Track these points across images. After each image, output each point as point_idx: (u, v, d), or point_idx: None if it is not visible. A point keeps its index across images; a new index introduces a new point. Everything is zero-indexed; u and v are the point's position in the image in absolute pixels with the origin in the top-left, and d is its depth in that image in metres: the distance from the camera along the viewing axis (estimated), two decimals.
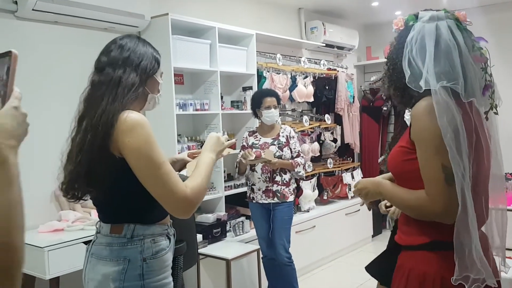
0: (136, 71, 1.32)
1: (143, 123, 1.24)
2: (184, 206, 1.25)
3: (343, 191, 4.54)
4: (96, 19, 2.73)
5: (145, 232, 1.32)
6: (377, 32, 5.41)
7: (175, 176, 1.25)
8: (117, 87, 1.29)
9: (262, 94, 3.11)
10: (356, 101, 4.98)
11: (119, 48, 1.34)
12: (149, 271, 1.30)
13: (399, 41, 1.28)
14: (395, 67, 1.28)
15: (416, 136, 1.17)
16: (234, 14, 3.82)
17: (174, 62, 2.96)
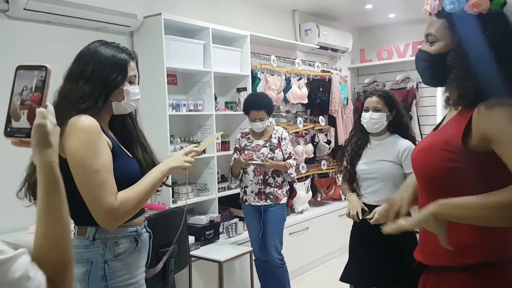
0: (88, 82, 1.31)
1: (88, 128, 1.24)
2: (108, 219, 1.26)
3: (336, 193, 4.54)
4: (88, 19, 2.71)
5: (107, 235, 1.33)
6: (370, 35, 5.43)
7: (106, 187, 1.24)
8: (65, 100, 1.30)
9: (250, 105, 3.00)
10: (350, 103, 4.99)
11: (78, 60, 1.36)
12: (112, 272, 1.32)
13: (491, 31, 1.04)
14: (483, 59, 1.04)
15: (499, 132, 0.99)
16: (228, 15, 3.81)
17: (167, 62, 2.94)
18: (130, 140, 1.48)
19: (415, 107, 5.00)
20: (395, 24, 5.14)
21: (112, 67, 1.34)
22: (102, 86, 1.32)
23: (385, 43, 5.23)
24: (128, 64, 1.38)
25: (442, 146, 1.08)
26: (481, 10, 1.04)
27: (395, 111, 2.30)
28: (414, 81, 5.00)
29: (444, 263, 1.10)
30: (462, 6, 1.05)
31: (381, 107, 2.27)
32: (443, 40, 1.11)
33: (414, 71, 4.93)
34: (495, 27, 1.04)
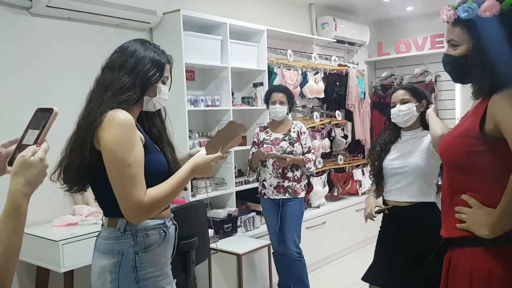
0: (130, 74, 1.35)
1: (123, 122, 1.27)
2: (135, 213, 1.28)
3: (353, 188, 4.53)
4: (109, 15, 2.75)
5: (137, 226, 1.36)
6: (388, 28, 5.36)
7: (137, 182, 1.26)
8: (106, 90, 1.34)
9: (272, 89, 3.14)
10: (367, 97, 4.95)
11: (120, 51, 1.40)
12: (142, 264, 1.35)
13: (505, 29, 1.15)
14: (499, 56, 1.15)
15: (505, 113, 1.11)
16: (244, 10, 3.82)
17: (186, 58, 2.97)
18: (160, 139, 1.51)
19: (434, 100, 4.92)
20: (413, 17, 5.07)
21: (152, 64, 1.38)
22: (141, 79, 1.36)
23: (403, 36, 5.16)
24: (165, 65, 1.43)
25: (462, 133, 1.23)
26: (493, 12, 1.15)
27: (425, 102, 2.19)
28: (432, 74, 4.93)
29: (458, 234, 1.22)
30: (475, 13, 1.18)
31: (408, 98, 2.18)
32: (464, 43, 1.24)
33: (432, 64, 4.95)
34: (508, 24, 1.14)
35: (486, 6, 1.15)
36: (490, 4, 1.15)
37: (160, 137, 1.51)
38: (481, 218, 1.17)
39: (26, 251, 2.36)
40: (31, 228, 2.42)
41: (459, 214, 1.23)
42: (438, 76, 4.94)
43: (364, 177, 4.67)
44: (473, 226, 1.18)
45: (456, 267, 1.22)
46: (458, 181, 1.25)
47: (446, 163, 1.30)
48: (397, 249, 2.19)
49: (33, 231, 2.36)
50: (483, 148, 1.18)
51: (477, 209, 1.19)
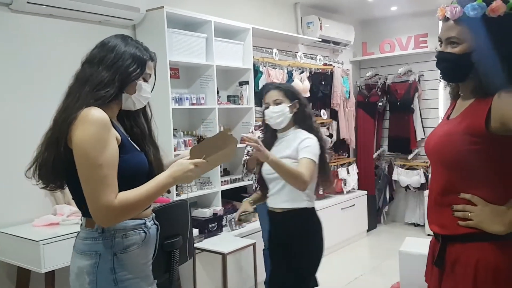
0: (109, 70, 1.32)
1: (97, 120, 1.24)
2: (103, 216, 1.24)
3: (338, 186, 4.56)
4: (91, 12, 2.71)
5: (116, 226, 1.32)
6: (372, 28, 5.41)
7: (107, 183, 1.22)
8: (85, 85, 1.31)
9: (263, 90, 3.03)
10: (352, 96, 4.99)
11: (100, 46, 1.37)
12: (121, 265, 1.32)
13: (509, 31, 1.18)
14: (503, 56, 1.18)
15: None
16: (230, 8, 3.81)
17: (170, 56, 2.94)
18: (142, 139, 1.47)
19: (417, 100, 4.99)
20: (397, 17, 5.13)
21: (133, 60, 1.35)
22: (120, 75, 1.33)
23: (387, 36, 5.22)
24: (147, 62, 1.40)
25: (465, 131, 1.21)
26: (500, 13, 1.18)
27: (297, 102, 2.13)
28: (416, 74, 4.99)
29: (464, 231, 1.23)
30: (483, 11, 1.19)
31: (281, 99, 2.11)
32: (466, 42, 1.23)
33: (416, 64, 5.02)
34: (510, 27, 1.18)
35: (494, 6, 1.17)
36: (498, 5, 1.17)
37: (143, 137, 1.47)
38: (490, 215, 1.19)
39: (6, 251, 2.32)
40: (12, 228, 2.37)
41: (462, 213, 1.23)
42: (421, 75, 5.01)
43: (349, 176, 4.71)
44: (483, 224, 1.19)
45: (457, 262, 1.24)
46: (455, 180, 1.26)
47: (441, 162, 1.29)
48: (275, 255, 2.21)
49: (14, 231, 2.32)
50: (486, 146, 1.19)
51: (483, 206, 1.20)
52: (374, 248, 4.60)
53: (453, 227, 1.25)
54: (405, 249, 2.79)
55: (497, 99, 1.17)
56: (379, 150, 5.31)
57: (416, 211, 5.12)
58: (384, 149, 5.32)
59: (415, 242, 2.91)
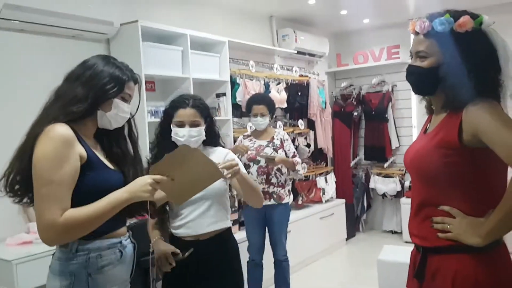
0: (84, 86, 1.33)
1: (58, 137, 1.24)
2: (46, 234, 1.22)
3: (317, 195, 4.60)
4: (64, 27, 2.68)
5: (90, 246, 1.31)
6: (346, 40, 5.54)
7: (54, 200, 1.21)
8: (58, 100, 1.32)
9: (252, 101, 3.15)
10: (328, 106, 5.08)
11: (81, 64, 1.39)
12: (96, 286, 1.30)
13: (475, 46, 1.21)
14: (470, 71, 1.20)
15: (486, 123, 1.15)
16: (206, 21, 3.83)
17: (145, 69, 2.94)
18: (123, 160, 1.45)
19: (391, 109, 5.12)
20: (369, 29, 5.27)
21: (111, 79, 1.35)
22: (95, 93, 1.33)
23: (360, 47, 5.35)
24: (127, 82, 1.40)
25: (439, 145, 1.24)
26: (467, 28, 1.21)
27: (209, 120, 1.84)
28: (389, 84, 5.12)
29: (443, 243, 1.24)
30: (451, 26, 1.22)
31: (198, 121, 1.78)
32: (434, 56, 1.25)
33: (389, 74, 5.15)
34: (478, 42, 1.21)
35: (461, 21, 1.20)
36: (465, 20, 1.20)
37: (124, 158, 1.45)
38: (468, 227, 1.20)
39: None
40: None
41: (441, 225, 1.24)
42: (394, 85, 5.14)
43: (327, 185, 4.76)
44: (462, 236, 1.20)
45: (437, 273, 1.24)
46: (433, 193, 1.27)
47: (419, 175, 1.30)
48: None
49: None
50: (461, 159, 1.20)
51: (461, 218, 1.21)
52: (353, 256, 4.64)
53: (433, 239, 1.26)
54: (383, 257, 2.83)
55: (467, 112, 1.19)
56: (356, 159, 5.40)
57: (393, 218, 5.20)
58: (361, 157, 5.41)
59: (393, 250, 2.96)
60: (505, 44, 1.24)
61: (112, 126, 1.41)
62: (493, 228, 1.16)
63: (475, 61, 1.19)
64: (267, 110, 3.09)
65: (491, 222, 1.16)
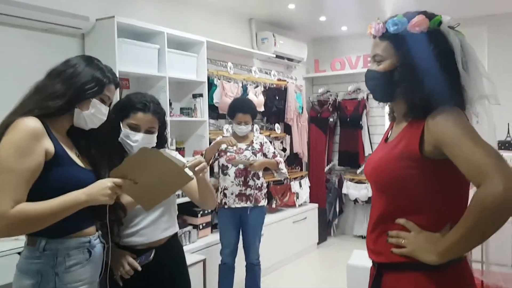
0: (64, 83, 1.34)
1: (25, 129, 1.24)
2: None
3: (291, 199, 4.62)
4: (37, 20, 2.59)
5: (58, 245, 1.30)
6: (324, 46, 5.61)
7: (8, 190, 1.19)
8: (36, 94, 1.34)
9: (237, 108, 3.11)
10: (305, 111, 5.11)
11: (64, 62, 1.40)
12: (63, 285, 1.29)
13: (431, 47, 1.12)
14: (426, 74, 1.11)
15: (448, 135, 1.06)
16: (185, 19, 3.79)
17: (120, 66, 2.87)
18: (99, 161, 1.45)
19: (366, 117, 5.21)
20: (347, 36, 5.35)
21: (91, 79, 1.37)
22: (74, 90, 1.34)
23: (338, 54, 5.42)
24: (107, 85, 1.41)
25: (399, 156, 1.15)
26: (422, 29, 1.13)
27: (162, 126, 1.78)
28: (364, 92, 5.21)
29: (399, 259, 1.15)
30: (404, 27, 1.15)
31: (155, 128, 1.71)
32: (389, 58, 1.18)
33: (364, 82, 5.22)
34: (435, 43, 1.12)
35: (415, 21, 1.13)
36: (419, 20, 1.13)
37: (100, 159, 1.45)
38: (424, 243, 1.10)
39: None
40: None
41: (396, 239, 1.15)
42: (369, 94, 5.22)
43: (301, 189, 4.79)
44: (417, 252, 1.11)
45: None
46: (392, 205, 1.18)
47: (378, 186, 1.22)
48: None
49: None
50: (421, 171, 1.12)
51: (417, 233, 1.12)
52: (324, 260, 4.68)
53: (388, 255, 1.17)
54: (353, 262, 2.87)
55: (429, 121, 1.11)
56: (330, 164, 5.46)
57: (364, 224, 5.28)
58: (335, 163, 5.48)
59: (362, 255, 2.98)
60: (466, 46, 1.14)
61: (87, 126, 1.41)
62: (451, 246, 1.05)
63: (430, 64, 1.10)
64: (251, 118, 3.13)
65: (450, 239, 1.06)
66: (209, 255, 3.25)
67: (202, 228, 3.50)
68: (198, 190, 1.69)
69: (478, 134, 1.06)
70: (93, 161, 1.44)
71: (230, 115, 3.19)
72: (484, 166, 0.99)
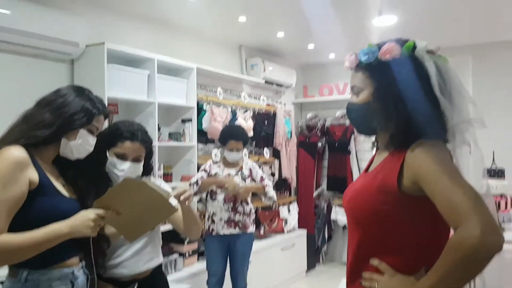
0: (52, 113, 1.34)
1: (9, 158, 1.24)
2: None
3: (279, 226, 4.58)
4: (26, 45, 2.58)
5: (41, 277, 1.27)
6: (312, 72, 5.70)
7: None
8: (23, 123, 1.34)
9: (230, 135, 3.11)
10: (294, 136, 5.14)
11: (54, 92, 1.41)
12: None
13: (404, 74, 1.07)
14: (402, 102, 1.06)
15: (426, 171, 1.00)
16: (175, 46, 3.83)
17: (108, 92, 2.87)
18: (87, 193, 1.43)
19: (354, 142, 5.25)
20: (335, 63, 5.45)
21: (81, 109, 1.37)
22: (62, 120, 1.34)
23: (326, 80, 5.51)
24: (96, 115, 1.41)
25: (377, 189, 1.09)
26: (393, 56, 1.09)
27: (149, 154, 1.74)
28: None
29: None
30: (375, 56, 1.12)
31: (142, 156, 1.68)
32: (366, 89, 1.15)
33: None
34: (408, 69, 1.07)
35: (385, 49, 1.10)
36: (390, 47, 1.09)
37: (86, 189, 1.44)
38: (398, 287, 1.04)
39: None
40: None
41: (369, 282, 1.09)
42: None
43: (290, 215, 4.76)
44: None
45: None
46: (368, 241, 1.12)
47: (355, 221, 1.15)
48: None
49: None
50: (399, 207, 1.06)
51: (390, 276, 1.06)
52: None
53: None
54: None
55: (409, 154, 1.05)
56: (318, 189, 5.45)
57: None
58: (324, 188, 5.48)
59: None
60: (447, 71, 1.09)
61: (73, 156, 1.40)
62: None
63: (405, 91, 1.05)
64: (243, 145, 3.14)
65: (424, 285, 0.97)
66: (195, 285, 3.17)
67: (189, 256, 3.43)
68: (183, 220, 1.66)
69: (459, 172, 1.00)
70: (79, 190, 1.43)
71: (222, 142, 3.18)
72: (461, 207, 0.93)
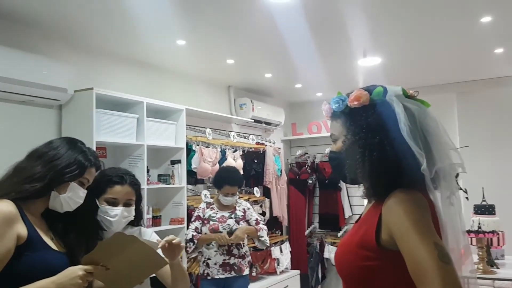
0: (44, 166, 1.33)
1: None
2: None
3: (272, 266, 4.47)
4: (13, 92, 2.58)
5: None
6: (301, 110, 5.78)
7: None
8: (14, 176, 1.32)
9: (225, 180, 3.08)
10: (284, 174, 5.13)
11: (46, 144, 1.40)
12: None
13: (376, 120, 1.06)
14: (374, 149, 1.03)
15: (397, 225, 0.97)
16: (164, 88, 3.87)
17: (97, 136, 2.86)
18: (77, 248, 1.41)
19: None
20: (323, 101, 5.46)
21: (73, 162, 1.36)
22: (54, 173, 1.33)
23: (314, 118, 5.58)
24: (88, 168, 1.41)
25: (359, 245, 1.05)
26: (362, 102, 1.09)
27: (139, 199, 1.71)
28: None
29: None
30: (346, 103, 1.13)
31: (132, 200, 1.65)
32: (341, 137, 1.15)
33: None
34: (377, 115, 1.06)
35: (353, 96, 1.10)
36: (358, 94, 1.09)
37: (77, 243, 1.41)
38: None
39: None
40: None
41: None
42: None
43: (282, 255, 4.67)
44: None
45: None
46: None
47: (343, 277, 1.12)
48: None
49: None
50: (379, 263, 1.01)
51: None
52: None
53: None
54: None
55: (384, 207, 1.01)
56: (310, 227, 5.39)
57: None
58: (316, 225, 5.42)
59: None
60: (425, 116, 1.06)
61: (63, 209, 1.38)
62: None
63: (374, 138, 1.03)
64: (237, 189, 3.13)
65: None
66: None
67: None
68: (171, 274, 1.60)
69: (429, 227, 0.95)
70: (70, 244, 1.41)
71: (217, 186, 3.16)
72: (424, 267, 0.89)
